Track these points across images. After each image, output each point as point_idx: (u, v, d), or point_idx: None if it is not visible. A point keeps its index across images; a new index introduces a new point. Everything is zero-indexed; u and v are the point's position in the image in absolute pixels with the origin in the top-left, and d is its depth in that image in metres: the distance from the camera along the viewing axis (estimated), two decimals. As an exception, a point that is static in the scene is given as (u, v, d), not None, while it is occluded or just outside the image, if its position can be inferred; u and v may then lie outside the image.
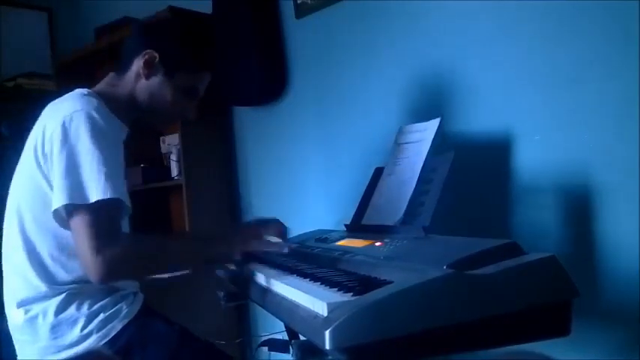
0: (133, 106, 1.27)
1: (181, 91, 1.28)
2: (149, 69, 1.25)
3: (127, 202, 1.14)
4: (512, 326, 0.85)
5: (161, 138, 2.57)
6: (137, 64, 1.25)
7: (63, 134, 1.11)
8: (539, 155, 1.38)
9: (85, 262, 1.08)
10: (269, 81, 2.09)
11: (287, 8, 2.06)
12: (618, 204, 1.24)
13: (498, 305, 0.83)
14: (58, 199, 1.09)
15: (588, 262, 1.29)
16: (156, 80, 1.26)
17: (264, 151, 2.24)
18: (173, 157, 2.35)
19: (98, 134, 1.11)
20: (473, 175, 1.47)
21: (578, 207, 1.31)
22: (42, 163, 1.15)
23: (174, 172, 2.33)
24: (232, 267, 1.42)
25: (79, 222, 1.08)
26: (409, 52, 1.68)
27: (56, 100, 1.21)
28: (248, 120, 2.31)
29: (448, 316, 0.80)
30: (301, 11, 2.00)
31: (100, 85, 1.30)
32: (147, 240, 1.20)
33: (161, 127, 1.27)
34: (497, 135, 1.46)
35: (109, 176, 1.09)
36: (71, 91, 1.27)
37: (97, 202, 1.08)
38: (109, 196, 1.08)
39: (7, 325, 1.25)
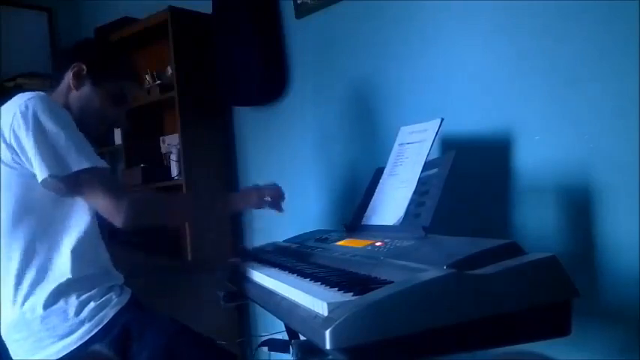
0: None
1: (109, 99, 1.37)
2: (78, 80, 1.34)
3: (104, 163, 1.23)
4: (513, 326, 0.85)
5: (161, 138, 2.57)
6: (67, 77, 1.35)
7: (24, 121, 1.18)
8: (539, 155, 1.38)
9: (108, 209, 1.19)
10: (269, 81, 2.09)
11: (287, 8, 2.06)
12: (618, 204, 1.24)
13: (498, 305, 0.83)
14: (43, 172, 1.16)
15: (588, 262, 1.29)
16: (85, 90, 1.35)
17: (264, 151, 2.24)
18: (173, 157, 2.35)
19: (55, 112, 1.21)
20: (473, 175, 1.47)
21: (578, 207, 1.31)
22: (7, 157, 1.20)
23: (174, 172, 2.33)
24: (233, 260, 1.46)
25: (88, 185, 1.20)
26: (409, 52, 1.68)
27: (3, 106, 1.28)
28: (248, 120, 2.31)
29: (448, 316, 0.80)
30: (301, 11, 2.00)
31: None
32: (152, 192, 1.30)
33: (96, 136, 1.40)
34: (497, 135, 1.46)
35: (80, 147, 1.20)
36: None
37: (90, 167, 1.18)
38: (88, 165, 1.18)
39: None
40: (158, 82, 2.39)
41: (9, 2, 2.94)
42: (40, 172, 1.16)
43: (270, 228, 2.16)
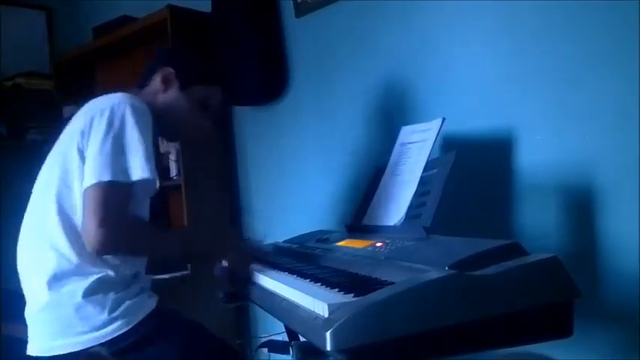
0: (152, 116, 1.33)
1: (195, 104, 1.41)
2: (166, 83, 1.39)
3: (157, 182, 1.28)
4: (514, 327, 0.85)
5: (160, 138, 2.56)
6: (156, 81, 1.40)
7: (109, 118, 1.21)
8: (540, 155, 1.37)
9: (87, 229, 1.17)
10: (269, 80, 2.08)
11: (287, 7, 2.05)
12: (620, 204, 1.24)
13: (500, 306, 0.83)
14: (97, 175, 1.18)
15: (589, 262, 1.29)
16: (172, 94, 1.39)
17: (264, 151, 2.24)
18: (172, 156, 2.34)
19: (142, 122, 1.24)
20: (474, 175, 1.47)
21: (580, 207, 1.31)
22: (79, 140, 1.23)
23: (173, 171, 2.32)
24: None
25: (94, 193, 1.18)
26: (410, 51, 1.67)
27: (102, 96, 1.31)
28: (248, 120, 2.30)
29: (450, 317, 0.80)
30: (301, 10, 2.00)
31: None
32: (146, 226, 1.31)
33: (175, 139, 1.52)
34: (498, 135, 1.45)
35: (149, 159, 1.21)
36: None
37: (116, 182, 1.18)
38: (148, 176, 1.20)
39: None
40: (157, 81, 2.38)
41: (7, 1, 2.93)
42: (92, 176, 1.17)
43: (270, 228, 2.16)
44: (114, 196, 1.19)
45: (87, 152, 1.21)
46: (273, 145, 2.19)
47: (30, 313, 1.26)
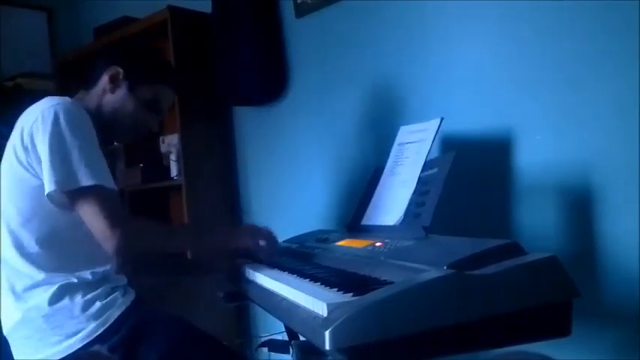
0: (98, 120, 1.31)
1: (143, 105, 1.37)
2: (114, 83, 1.34)
3: (112, 185, 1.22)
4: (513, 327, 0.85)
5: (160, 138, 2.56)
6: (104, 80, 1.35)
7: (43, 125, 1.17)
8: (540, 155, 1.37)
9: (102, 235, 1.16)
10: (269, 81, 2.08)
11: (287, 7, 2.06)
12: (619, 204, 1.24)
13: (499, 305, 0.83)
14: (50, 184, 1.15)
15: (588, 262, 1.29)
16: (120, 94, 1.35)
17: (264, 151, 2.24)
18: (172, 156, 2.34)
19: (77, 123, 1.19)
20: (474, 175, 1.47)
21: (579, 207, 1.31)
22: (22, 157, 1.20)
23: (174, 172, 2.32)
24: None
25: (89, 203, 1.17)
26: (409, 51, 1.67)
27: (30, 107, 1.27)
28: (248, 120, 2.30)
29: (449, 317, 0.80)
30: (301, 10, 2.00)
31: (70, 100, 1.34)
32: (152, 221, 1.31)
33: (124, 141, 1.34)
34: (498, 135, 1.45)
35: (92, 163, 1.18)
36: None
37: (96, 185, 1.16)
38: (95, 183, 1.16)
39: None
40: (158, 81, 2.38)
41: (8, 2, 2.94)
42: (48, 184, 1.15)
43: (270, 228, 2.16)
44: (107, 195, 1.18)
45: (36, 165, 1.18)
46: (273, 145, 2.19)
47: (6, 332, 1.25)
